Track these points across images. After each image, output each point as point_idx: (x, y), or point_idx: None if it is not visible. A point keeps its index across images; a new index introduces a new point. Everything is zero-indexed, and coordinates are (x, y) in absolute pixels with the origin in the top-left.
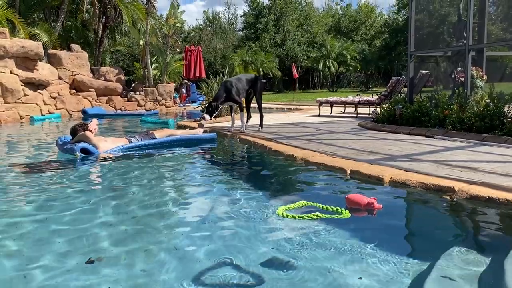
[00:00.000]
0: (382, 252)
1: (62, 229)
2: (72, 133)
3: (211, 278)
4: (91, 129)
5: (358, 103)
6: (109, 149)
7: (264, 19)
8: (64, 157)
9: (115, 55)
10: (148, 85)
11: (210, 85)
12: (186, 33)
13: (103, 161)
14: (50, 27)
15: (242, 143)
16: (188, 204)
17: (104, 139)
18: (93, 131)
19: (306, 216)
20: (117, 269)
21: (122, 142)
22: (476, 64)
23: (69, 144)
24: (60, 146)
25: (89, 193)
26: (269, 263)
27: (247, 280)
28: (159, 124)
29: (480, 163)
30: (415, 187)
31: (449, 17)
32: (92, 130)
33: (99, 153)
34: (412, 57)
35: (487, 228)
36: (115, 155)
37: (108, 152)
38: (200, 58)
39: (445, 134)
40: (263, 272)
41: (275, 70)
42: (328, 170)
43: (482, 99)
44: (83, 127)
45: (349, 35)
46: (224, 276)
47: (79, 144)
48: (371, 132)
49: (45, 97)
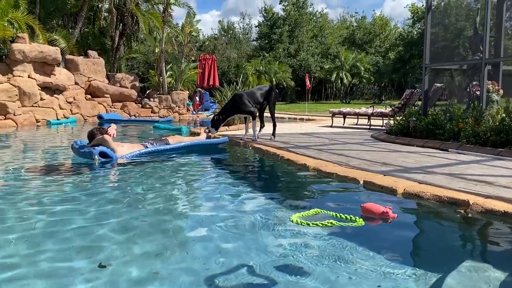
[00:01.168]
0: (395, 262)
1: (75, 233)
2: (90, 136)
3: (224, 282)
4: (110, 133)
5: (372, 114)
6: (126, 154)
7: (278, 30)
8: (78, 161)
9: (130, 62)
10: (162, 92)
11: (223, 94)
12: (201, 42)
13: (118, 166)
14: (68, 33)
15: (254, 151)
16: (201, 210)
17: (121, 145)
18: (113, 135)
19: (321, 224)
20: (128, 273)
21: (137, 147)
22: (492, 78)
23: (87, 147)
24: (77, 150)
25: (102, 197)
26: (283, 269)
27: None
28: (172, 130)
29: (495, 177)
30: (428, 199)
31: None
32: (111, 134)
33: (117, 158)
34: (427, 69)
35: (502, 243)
36: (131, 160)
37: (124, 157)
38: (214, 66)
39: (459, 148)
40: (276, 277)
41: (288, 80)
42: (341, 181)
43: (498, 114)
44: (100, 131)
45: (363, 47)
46: (237, 281)
47: (98, 148)
48: (384, 144)
49: (61, 101)
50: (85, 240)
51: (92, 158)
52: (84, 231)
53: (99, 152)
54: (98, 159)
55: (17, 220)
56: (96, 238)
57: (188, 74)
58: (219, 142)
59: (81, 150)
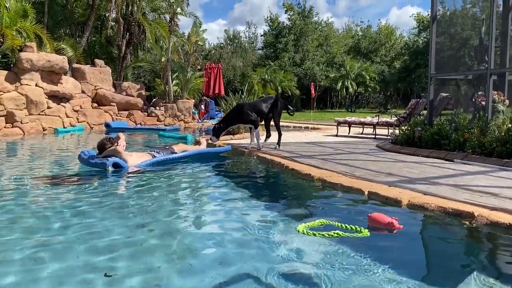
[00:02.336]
0: (400, 275)
1: (80, 242)
2: (100, 147)
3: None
4: (121, 144)
5: (377, 124)
6: (137, 164)
7: (284, 39)
8: (86, 170)
9: (137, 71)
10: (168, 100)
11: (229, 102)
12: (207, 51)
13: (124, 176)
14: (76, 42)
15: (259, 161)
16: (205, 221)
17: (130, 154)
18: (123, 146)
19: (327, 234)
20: (130, 284)
21: (145, 156)
22: (497, 88)
23: (98, 158)
24: (86, 160)
25: (107, 207)
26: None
27: None
28: (177, 139)
29: (501, 188)
30: (433, 211)
31: (471, 40)
32: (122, 146)
33: (128, 168)
34: (432, 79)
35: (507, 255)
36: (140, 169)
37: (136, 167)
38: (220, 75)
39: (464, 158)
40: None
41: (294, 89)
42: (345, 191)
43: (504, 124)
44: (111, 141)
45: (368, 56)
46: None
47: (111, 159)
48: (389, 154)
49: (68, 110)
50: (90, 249)
51: (106, 169)
52: (90, 240)
53: (112, 163)
54: (111, 170)
55: (22, 228)
56: (101, 248)
57: (194, 83)
58: (222, 151)
59: (92, 160)
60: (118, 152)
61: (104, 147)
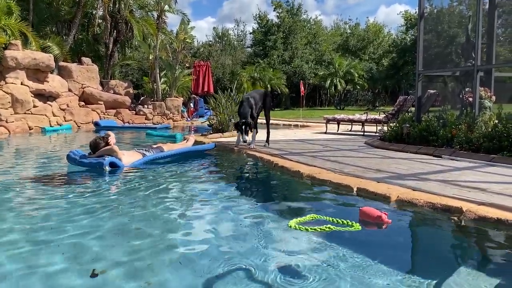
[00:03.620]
0: (389, 268)
1: (67, 241)
2: (94, 147)
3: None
4: (112, 142)
5: (365, 121)
6: (131, 163)
7: (272, 37)
8: (74, 170)
9: (124, 69)
10: (156, 99)
11: (218, 100)
12: (196, 49)
13: (120, 175)
14: (62, 40)
15: (248, 158)
16: (195, 219)
17: (122, 153)
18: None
19: (319, 228)
20: (120, 282)
21: (136, 155)
22: (484, 84)
23: (93, 158)
24: (77, 160)
25: (96, 205)
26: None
27: None
28: (166, 137)
29: (488, 183)
30: (422, 207)
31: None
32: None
33: (123, 167)
34: (420, 76)
35: (495, 250)
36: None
37: (130, 166)
38: (209, 73)
39: (452, 154)
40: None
41: (283, 87)
42: (335, 187)
43: (491, 120)
44: (104, 140)
45: (357, 54)
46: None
47: (108, 158)
48: (378, 150)
49: (54, 108)
50: (77, 249)
51: (103, 168)
52: (77, 239)
53: (109, 162)
54: (108, 169)
55: (8, 228)
56: (89, 247)
57: (183, 81)
58: (207, 148)
59: (86, 160)
60: (114, 151)
61: (98, 147)
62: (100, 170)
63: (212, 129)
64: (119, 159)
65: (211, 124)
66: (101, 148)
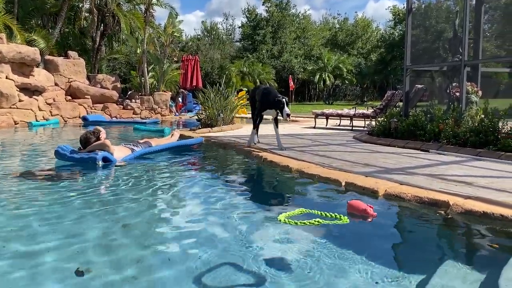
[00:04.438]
0: (376, 262)
1: (52, 237)
2: (85, 141)
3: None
4: (102, 137)
5: (354, 116)
6: (122, 158)
7: (261, 31)
8: (61, 165)
9: (112, 63)
10: (144, 93)
11: (206, 95)
12: (184, 43)
13: (102, 170)
14: (48, 34)
15: (237, 153)
16: (184, 213)
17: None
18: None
19: (308, 222)
20: (106, 279)
21: (125, 150)
22: (471, 79)
23: (84, 153)
24: (67, 155)
25: (83, 201)
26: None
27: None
28: (154, 132)
29: (475, 177)
30: (409, 201)
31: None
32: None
33: (115, 161)
34: (408, 71)
35: (481, 243)
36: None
37: (122, 161)
38: (197, 67)
39: (439, 148)
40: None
41: (272, 81)
42: (323, 182)
43: (477, 115)
44: (95, 135)
45: (345, 49)
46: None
47: (101, 153)
48: (366, 145)
49: (41, 103)
50: (63, 245)
51: (96, 163)
52: (63, 236)
53: (102, 157)
54: (101, 164)
55: None
56: (74, 243)
57: (171, 75)
58: (194, 143)
59: (77, 155)
60: (106, 146)
61: (89, 141)
62: (90, 165)
63: (201, 124)
64: (111, 153)
65: (200, 118)
66: (91, 143)
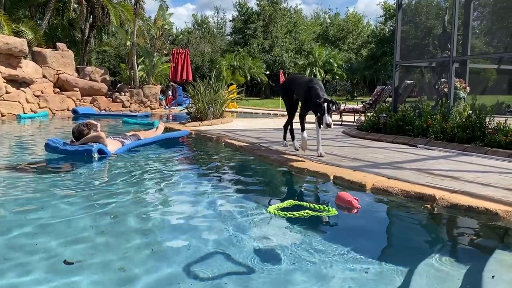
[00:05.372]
0: (362, 254)
1: (41, 229)
2: (78, 133)
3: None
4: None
5: (343, 110)
6: (114, 151)
7: (252, 25)
8: (50, 157)
9: (101, 55)
10: (133, 86)
11: (196, 88)
12: (174, 36)
13: (92, 162)
14: (36, 25)
15: (227, 147)
16: (174, 205)
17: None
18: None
19: (297, 214)
20: (94, 269)
21: (116, 143)
22: (459, 76)
23: (78, 145)
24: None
25: (73, 193)
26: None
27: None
28: (144, 125)
29: (461, 172)
30: (396, 195)
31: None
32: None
33: (110, 154)
34: (397, 67)
35: (466, 236)
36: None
37: (116, 153)
38: (188, 61)
39: (427, 144)
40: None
41: (263, 76)
42: (312, 175)
43: (465, 110)
44: (89, 127)
45: (336, 44)
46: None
47: (96, 145)
48: (355, 140)
49: (28, 95)
50: (51, 237)
51: (91, 156)
52: (51, 227)
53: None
54: (97, 156)
55: None
56: (63, 235)
57: (161, 68)
58: (180, 135)
59: (71, 148)
60: (101, 138)
61: (82, 134)
62: (81, 157)
63: (191, 118)
64: (106, 146)
65: (190, 112)
66: (85, 135)
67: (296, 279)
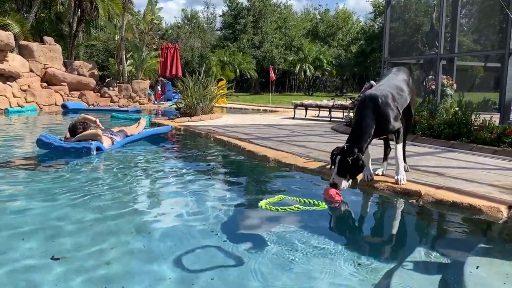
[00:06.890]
0: (351, 249)
1: (29, 224)
2: (73, 130)
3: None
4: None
5: (332, 107)
6: (109, 146)
7: (242, 20)
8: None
9: (89, 50)
10: (122, 81)
11: (186, 84)
12: (164, 31)
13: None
14: (23, 18)
15: (216, 143)
16: (163, 201)
17: None
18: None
19: (288, 208)
20: (81, 264)
21: (107, 139)
22: (447, 73)
23: (74, 142)
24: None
25: (61, 189)
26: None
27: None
28: (133, 121)
29: (446, 168)
30: (383, 190)
31: (423, 26)
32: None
33: (106, 150)
34: (386, 63)
35: (450, 231)
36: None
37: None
38: (177, 56)
39: (414, 140)
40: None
41: (252, 71)
42: (300, 171)
43: (451, 107)
44: (84, 125)
45: (326, 40)
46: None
47: (95, 143)
48: (343, 136)
49: (15, 89)
50: (38, 232)
51: (90, 152)
52: (39, 222)
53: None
54: (95, 153)
55: None
56: (49, 230)
57: (150, 63)
58: (164, 131)
59: (66, 144)
60: (98, 135)
61: (76, 130)
62: (73, 154)
63: (180, 113)
64: (102, 143)
65: (179, 108)
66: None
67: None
